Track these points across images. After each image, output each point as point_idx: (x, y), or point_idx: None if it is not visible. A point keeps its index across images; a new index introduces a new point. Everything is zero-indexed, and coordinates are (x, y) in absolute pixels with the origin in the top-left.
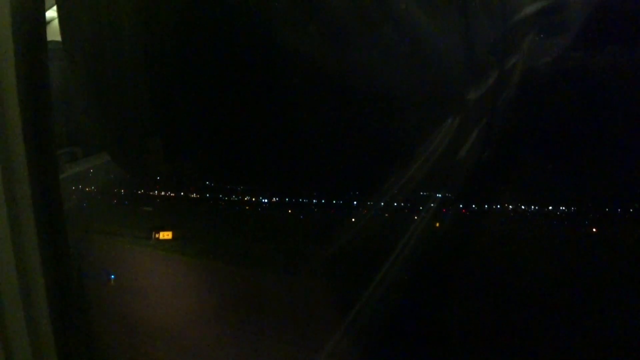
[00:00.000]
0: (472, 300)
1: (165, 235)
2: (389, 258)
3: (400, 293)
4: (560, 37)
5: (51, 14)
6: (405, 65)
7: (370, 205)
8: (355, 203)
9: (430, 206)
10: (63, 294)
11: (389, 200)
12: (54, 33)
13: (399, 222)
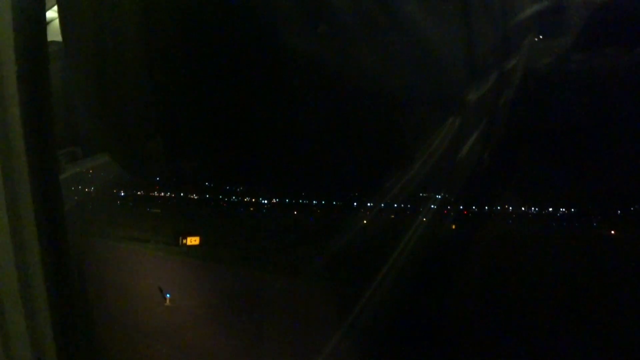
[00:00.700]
0: (472, 300)
1: (193, 240)
2: (394, 258)
3: (401, 293)
4: (561, 39)
5: (52, 14)
6: (406, 67)
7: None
8: (370, 204)
9: (431, 207)
10: (63, 295)
11: (391, 202)
12: (54, 33)
13: (401, 223)
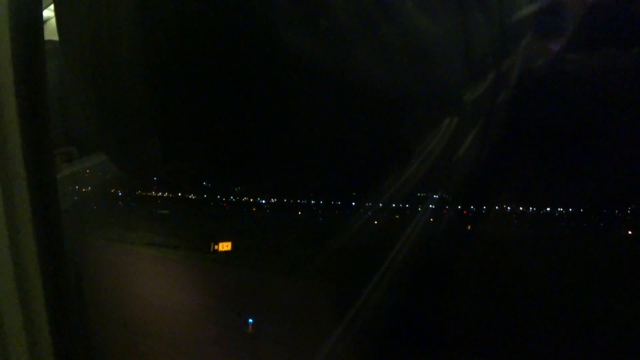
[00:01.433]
0: (471, 300)
1: (225, 246)
2: (395, 257)
3: (400, 292)
4: (558, 39)
5: (48, 13)
6: (404, 67)
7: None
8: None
9: (428, 207)
10: (60, 293)
11: (389, 202)
12: (51, 32)
13: (400, 223)
